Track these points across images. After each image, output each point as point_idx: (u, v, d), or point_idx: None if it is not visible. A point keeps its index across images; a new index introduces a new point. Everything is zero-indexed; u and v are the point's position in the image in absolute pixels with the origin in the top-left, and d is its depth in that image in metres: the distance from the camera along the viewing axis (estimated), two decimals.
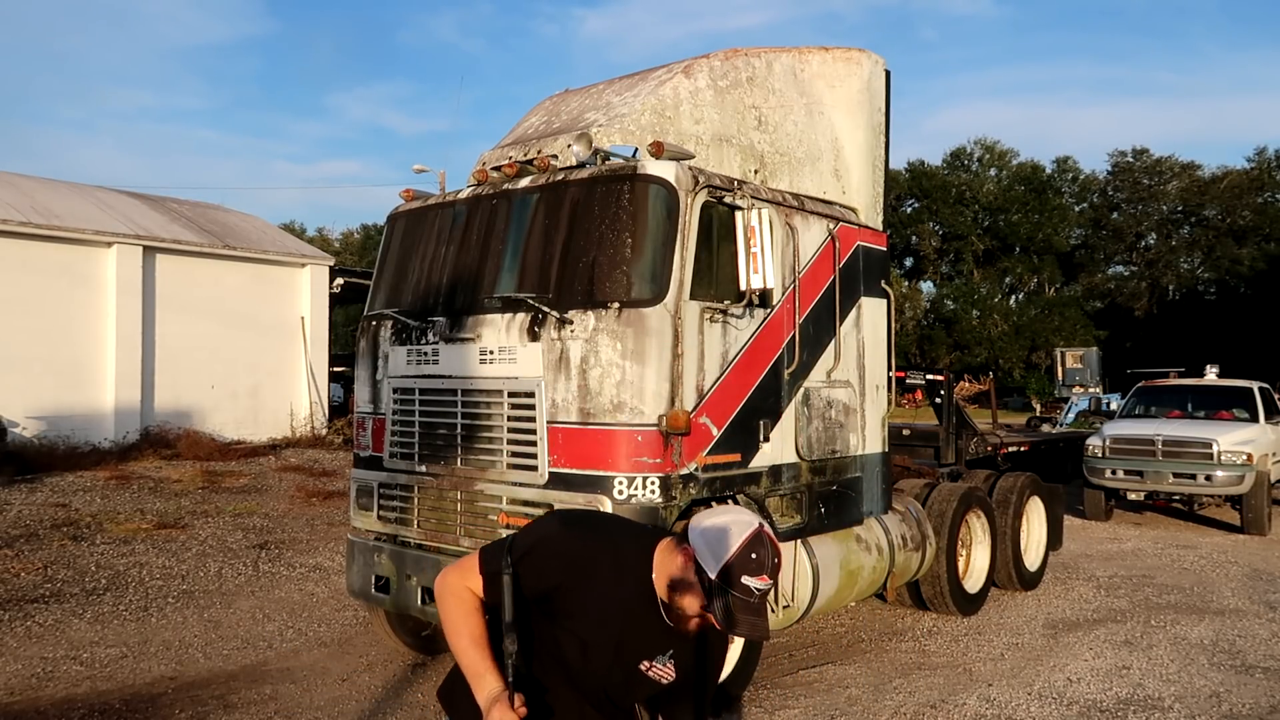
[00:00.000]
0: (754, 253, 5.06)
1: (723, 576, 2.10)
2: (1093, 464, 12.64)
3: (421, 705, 5.54)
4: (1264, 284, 44.30)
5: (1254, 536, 11.82)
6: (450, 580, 2.33)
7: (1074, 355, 26.86)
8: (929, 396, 9.61)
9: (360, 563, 5.96)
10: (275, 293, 19.52)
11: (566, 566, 2.22)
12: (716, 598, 2.11)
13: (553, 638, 2.27)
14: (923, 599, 7.49)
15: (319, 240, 57.16)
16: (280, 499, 12.73)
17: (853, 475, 6.37)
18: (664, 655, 2.29)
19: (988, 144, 56.39)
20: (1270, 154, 50.50)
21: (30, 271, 15.70)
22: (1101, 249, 55.21)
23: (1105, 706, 5.63)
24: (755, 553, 2.11)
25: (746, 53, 6.31)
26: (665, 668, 2.29)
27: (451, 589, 2.31)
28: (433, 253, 5.99)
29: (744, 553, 2.11)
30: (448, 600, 2.30)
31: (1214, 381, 14.30)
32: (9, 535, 9.77)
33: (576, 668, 2.27)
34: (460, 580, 2.31)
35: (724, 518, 2.21)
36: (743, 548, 2.11)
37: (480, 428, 5.41)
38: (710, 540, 2.15)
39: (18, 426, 14.85)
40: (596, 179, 5.25)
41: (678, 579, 2.18)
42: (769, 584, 2.12)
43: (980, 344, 49.14)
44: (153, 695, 5.70)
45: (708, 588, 2.12)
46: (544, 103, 6.81)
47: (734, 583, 2.10)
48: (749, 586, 2.09)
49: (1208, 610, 8.00)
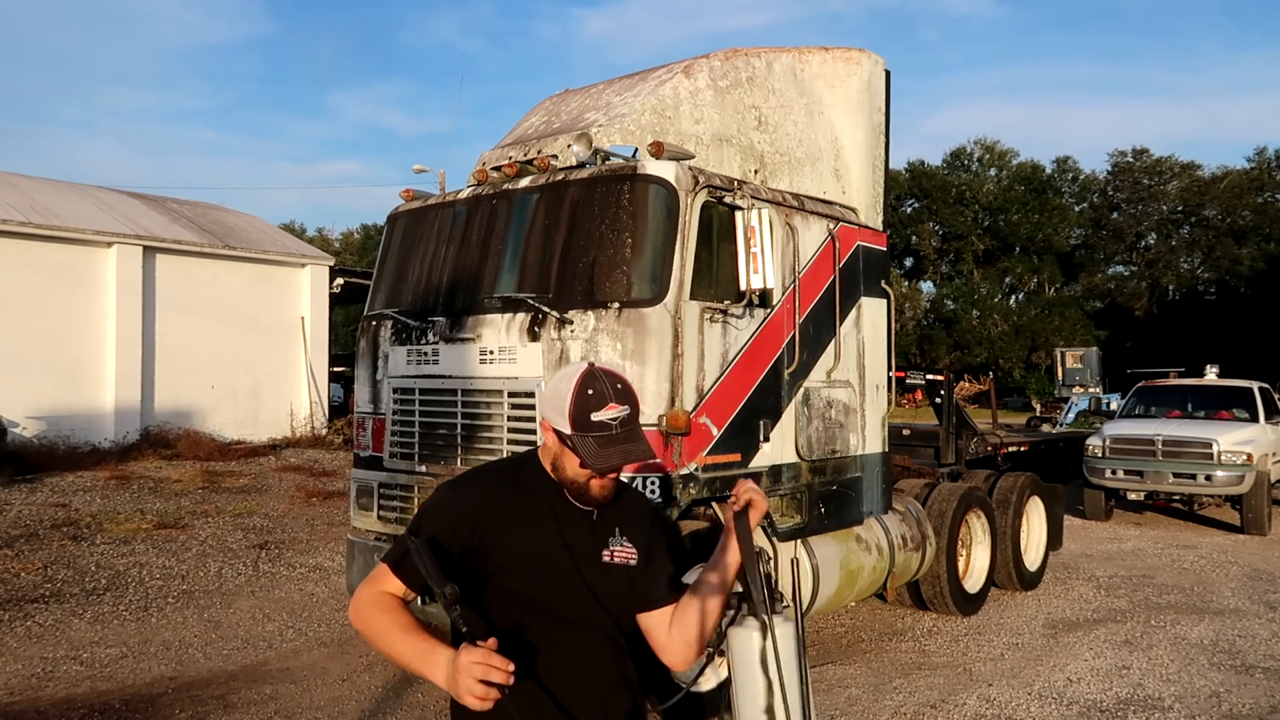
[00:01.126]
0: (754, 253, 5.06)
1: (574, 425, 2.07)
2: (1093, 464, 12.64)
3: (421, 705, 5.54)
4: (1264, 284, 44.29)
5: (1254, 536, 11.82)
6: (361, 594, 2.14)
7: (1074, 355, 26.81)
8: (929, 396, 9.61)
9: (360, 563, 5.95)
10: (275, 293, 19.52)
11: (473, 510, 2.13)
12: (580, 448, 2.07)
13: (503, 594, 2.11)
14: (923, 599, 7.49)
15: (319, 240, 57.14)
16: (280, 499, 12.72)
17: (853, 475, 6.37)
18: (614, 537, 2.21)
19: (988, 144, 56.43)
20: (1270, 154, 50.52)
21: (30, 271, 15.70)
22: (1101, 249, 55.21)
23: (1105, 706, 5.63)
24: (590, 389, 2.08)
25: (746, 53, 6.31)
26: (624, 547, 2.21)
27: (364, 600, 2.11)
28: (433, 253, 5.99)
29: (580, 395, 2.07)
30: (364, 611, 2.09)
31: (1214, 381, 14.30)
32: (9, 535, 9.77)
33: (545, 602, 2.11)
34: (372, 589, 2.12)
35: (557, 377, 2.18)
36: (577, 392, 2.08)
37: (480, 428, 5.41)
38: (552, 403, 2.13)
39: (18, 426, 14.85)
40: (596, 179, 5.25)
41: (554, 456, 2.15)
42: (621, 409, 2.09)
43: (980, 344, 49.14)
44: (153, 695, 5.70)
45: (572, 445, 2.08)
46: (544, 103, 6.81)
47: (587, 426, 2.06)
48: (601, 421, 2.06)
49: (1208, 610, 8.00)
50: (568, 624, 2.13)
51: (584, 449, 2.06)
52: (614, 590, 2.19)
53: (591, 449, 2.06)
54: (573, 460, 2.10)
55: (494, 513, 2.13)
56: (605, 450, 2.06)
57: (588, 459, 2.06)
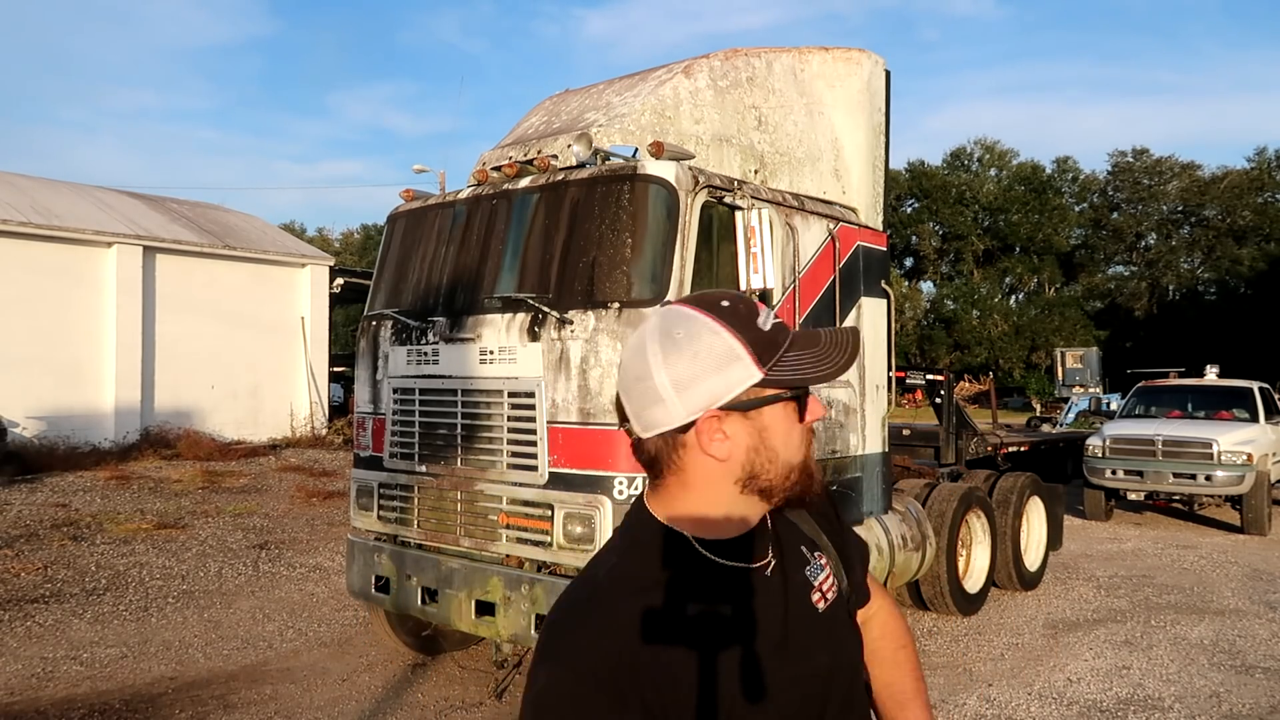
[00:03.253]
0: (754, 253, 5.06)
1: (762, 356, 1.21)
2: (1093, 464, 12.64)
3: (421, 705, 5.54)
4: (1264, 284, 44.30)
5: (1254, 536, 11.81)
6: None
7: (1074, 355, 26.83)
8: (929, 396, 9.60)
9: (360, 563, 5.95)
10: (275, 293, 19.53)
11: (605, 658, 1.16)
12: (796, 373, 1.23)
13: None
14: (923, 599, 7.49)
15: (319, 240, 57.17)
16: (280, 499, 12.72)
17: (852, 475, 6.37)
18: (808, 565, 1.38)
19: (988, 144, 56.48)
20: (1270, 154, 50.57)
21: (30, 271, 15.71)
22: (1101, 249, 55.24)
23: (1105, 706, 5.63)
24: (724, 301, 1.25)
25: (746, 53, 6.31)
26: (822, 576, 1.39)
27: None
28: (433, 253, 5.99)
29: (732, 318, 1.23)
30: None
31: (1214, 381, 14.30)
32: (9, 535, 9.77)
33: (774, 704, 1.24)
34: None
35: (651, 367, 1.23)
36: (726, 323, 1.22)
37: (480, 428, 5.40)
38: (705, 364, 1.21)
39: (18, 426, 14.86)
40: (596, 179, 5.25)
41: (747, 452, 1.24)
42: (768, 311, 1.28)
43: (980, 344, 49.17)
44: (153, 695, 5.70)
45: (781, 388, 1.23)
46: (544, 103, 6.81)
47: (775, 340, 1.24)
48: (780, 324, 1.27)
49: (1208, 610, 8.00)
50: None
51: (798, 370, 1.23)
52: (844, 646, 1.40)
53: (804, 362, 1.24)
54: (782, 424, 1.25)
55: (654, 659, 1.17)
56: (812, 350, 1.25)
57: (814, 372, 1.23)
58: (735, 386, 1.20)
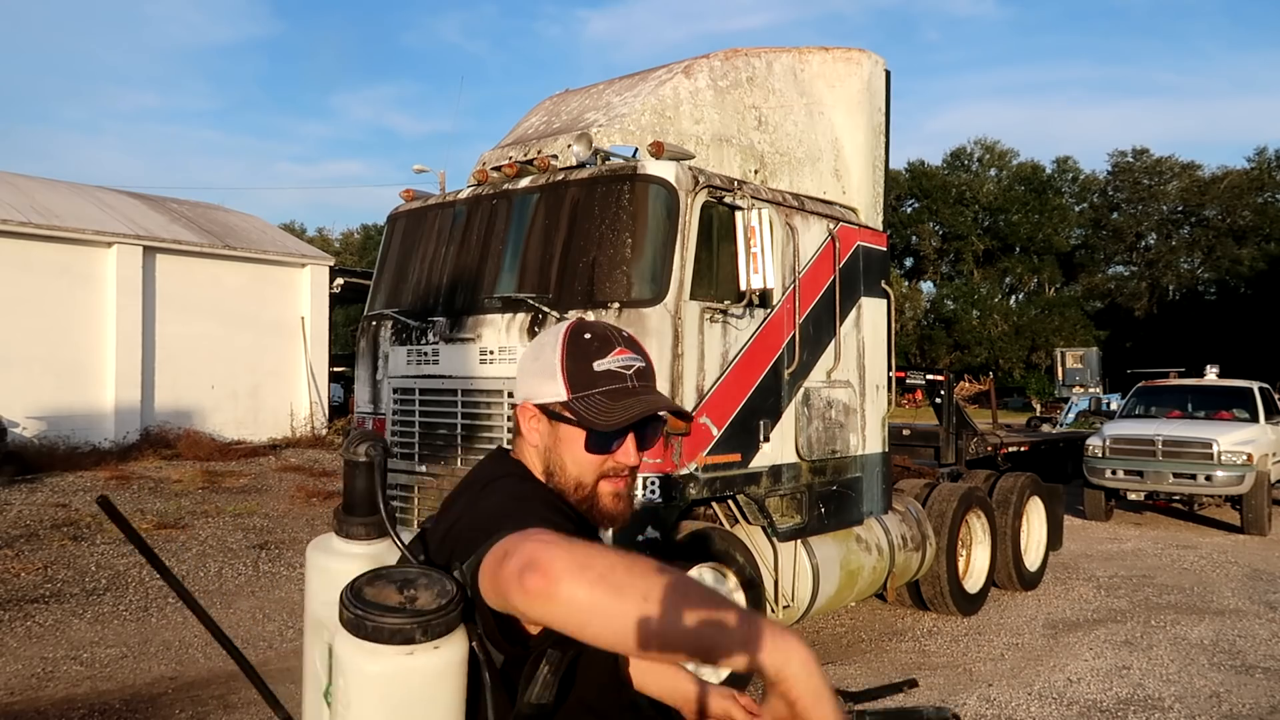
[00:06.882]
0: (754, 253, 5.06)
1: (572, 385, 1.43)
2: (1093, 464, 12.64)
3: None
4: (1264, 284, 44.32)
5: (1254, 536, 11.82)
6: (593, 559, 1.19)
7: (1074, 355, 26.83)
8: (929, 396, 9.61)
9: None
10: (275, 293, 19.51)
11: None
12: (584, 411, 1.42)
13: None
14: (923, 599, 7.49)
15: (319, 240, 57.17)
16: (280, 499, 12.72)
17: (853, 475, 6.37)
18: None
19: (988, 144, 56.49)
20: (1270, 154, 50.58)
21: (30, 271, 15.70)
22: (1101, 249, 55.24)
23: (1105, 706, 5.63)
24: (588, 333, 1.47)
25: (746, 53, 6.31)
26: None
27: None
28: (433, 253, 5.99)
29: (573, 344, 1.46)
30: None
31: (1214, 381, 14.31)
32: (9, 535, 9.76)
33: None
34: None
35: (536, 341, 1.54)
36: (568, 342, 1.46)
37: (480, 428, 5.40)
38: (533, 367, 1.49)
39: (18, 426, 14.85)
40: (597, 179, 5.25)
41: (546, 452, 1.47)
42: (633, 356, 1.47)
43: (980, 344, 49.19)
44: (153, 695, 5.70)
45: (572, 414, 1.42)
46: (544, 103, 6.81)
47: (590, 379, 1.43)
48: (608, 370, 1.44)
49: (1208, 610, 8.00)
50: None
51: (589, 409, 1.42)
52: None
53: (599, 405, 1.42)
54: (574, 445, 1.44)
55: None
56: (619, 403, 1.42)
57: (596, 418, 1.41)
58: (545, 395, 1.47)
